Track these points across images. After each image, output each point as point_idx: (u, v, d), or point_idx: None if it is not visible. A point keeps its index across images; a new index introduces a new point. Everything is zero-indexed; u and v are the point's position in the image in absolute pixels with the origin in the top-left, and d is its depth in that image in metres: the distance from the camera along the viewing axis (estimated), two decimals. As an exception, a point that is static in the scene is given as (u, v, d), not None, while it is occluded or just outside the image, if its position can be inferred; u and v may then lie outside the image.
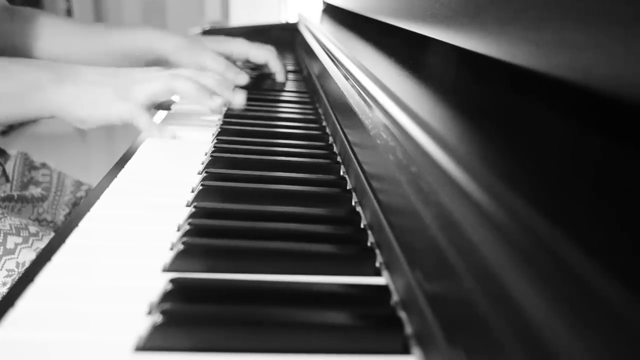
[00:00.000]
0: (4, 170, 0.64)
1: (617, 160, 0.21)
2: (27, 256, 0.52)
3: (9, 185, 0.64)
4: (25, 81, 0.52)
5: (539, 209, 0.17)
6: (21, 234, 0.53)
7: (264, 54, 0.79)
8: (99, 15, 3.42)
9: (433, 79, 0.39)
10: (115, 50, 0.74)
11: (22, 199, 0.62)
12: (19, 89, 0.52)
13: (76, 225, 0.35)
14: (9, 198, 0.60)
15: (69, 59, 0.70)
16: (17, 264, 0.52)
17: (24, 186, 0.66)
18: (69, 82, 0.53)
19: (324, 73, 0.65)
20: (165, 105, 0.66)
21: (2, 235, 0.52)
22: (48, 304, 0.27)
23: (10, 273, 0.51)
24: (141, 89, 0.55)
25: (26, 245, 0.53)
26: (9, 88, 0.52)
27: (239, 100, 0.62)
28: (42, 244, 0.54)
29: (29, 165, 0.70)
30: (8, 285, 0.51)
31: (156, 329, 0.25)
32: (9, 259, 0.51)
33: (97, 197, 0.39)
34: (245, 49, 0.78)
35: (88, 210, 0.37)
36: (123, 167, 0.46)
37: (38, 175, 0.70)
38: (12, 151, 0.69)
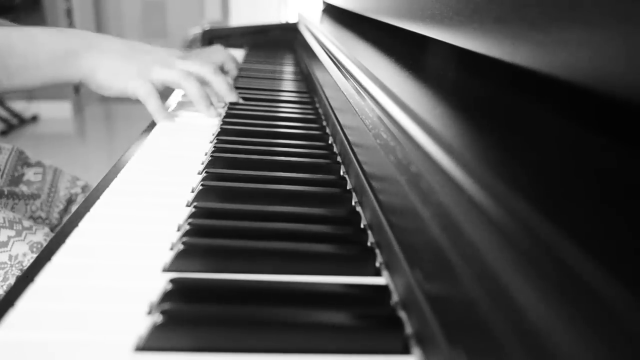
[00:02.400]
0: None
1: (617, 160, 0.21)
2: (20, 249, 0.52)
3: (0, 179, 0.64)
4: (60, 48, 0.57)
5: (538, 208, 0.17)
6: (14, 227, 0.54)
7: (221, 56, 0.84)
8: (99, 15, 3.42)
9: (433, 78, 0.39)
10: None
11: (13, 195, 0.62)
12: (55, 54, 0.57)
13: (76, 225, 0.35)
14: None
15: None
16: (10, 257, 0.52)
17: (14, 181, 0.66)
18: (98, 50, 0.59)
19: (324, 73, 0.65)
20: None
21: None
22: (48, 304, 0.27)
23: (2, 266, 0.51)
24: (160, 72, 0.60)
25: (19, 238, 0.53)
26: (47, 54, 0.57)
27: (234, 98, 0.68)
28: (35, 238, 0.54)
29: (23, 160, 0.70)
30: (0, 278, 0.51)
31: (156, 329, 0.25)
32: (1, 252, 0.52)
33: (97, 197, 0.39)
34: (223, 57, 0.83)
35: (88, 210, 0.37)
36: (123, 167, 0.46)
37: (30, 173, 0.69)
38: (7, 145, 0.68)
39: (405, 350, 0.26)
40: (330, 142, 0.56)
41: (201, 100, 0.62)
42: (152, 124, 0.61)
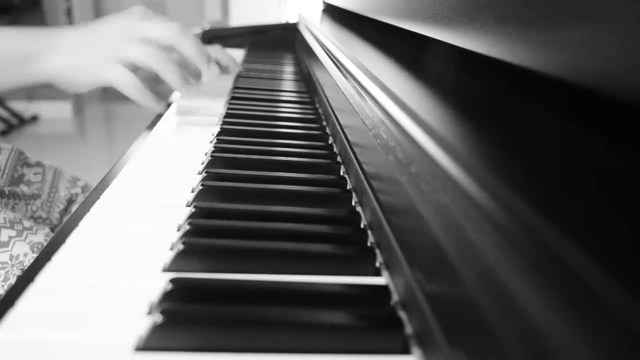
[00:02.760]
0: None
1: (616, 160, 0.21)
2: (21, 249, 0.52)
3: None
4: (19, 52, 0.55)
5: (539, 208, 0.17)
6: (15, 227, 0.54)
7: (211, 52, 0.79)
8: (99, 15, 3.42)
9: (433, 79, 0.39)
10: None
11: (14, 195, 0.62)
12: (15, 59, 0.55)
13: (76, 225, 0.35)
14: (0, 193, 0.60)
15: None
16: (11, 257, 0.52)
17: (15, 181, 0.66)
18: (58, 47, 0.55)
19: (324, 73, 0.65)
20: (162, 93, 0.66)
21: None
22: (48, 304, 0.27)
23: (3, 265, 0.51)
24: (123, 53, 0.56)
25: (20, 238, 0.53)
26: (6, 60, 0.55)
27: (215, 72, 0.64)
28: (36, 238, 0.54)
29: (23, 161, 0.70)
30: (2, 278, 0.51)
31: (156, 329, 0.25)
32: (2, 252, 0.52)
33: (97, 197, 0.39)
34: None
35: (88, 210, 0.37)
36: (123, 167, 0.46)
37: (30, 173, 0.69)
38: (7, 145, 0.69)
39: (405, 350, 0.26)
40: (330, 142, 0.56)
41: (173, 77, 0.57)
42: (152, 124, 0.61)
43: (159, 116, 0.64)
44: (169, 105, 0.70)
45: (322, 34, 0.74)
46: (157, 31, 0.58)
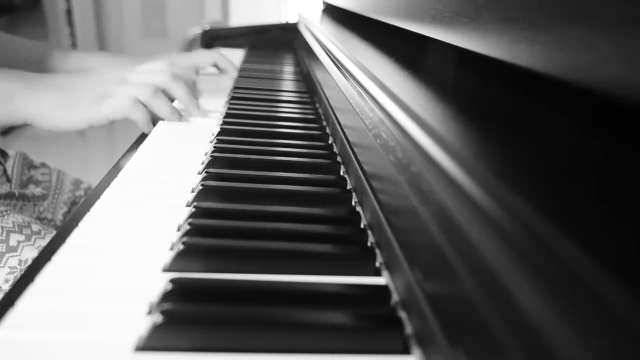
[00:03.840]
0: (4, 170, 0.64)
1: (616, 160, 0.21)
2: (30, 254, 0.52)
3: (9, 185, 0.64)
4: (0, 91, 0.52)
5: (538, 208, 0.17)
6: (24, 232, 0.54)
7: (208, 57, 0.81)
8: (99, 15, 3.42)
9: (433, 79, 0.39)
10: None
11: (23, 197, 0.62)
12: None
13: (76, 225, 0.35)
14: (10, 195, 0.60)
15: None
16: (20, 262, 0.52)
17: (24, 185, 0.67)
18: (38, 89, 0.53)
19: (323, 73, 0.65)
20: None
21: (5, 232, 0.52)
22: (48, 303, 0.27)
23: (12, 270, 0.51)
24: (120, 90, 0.54)
25: (29, 243, 0.53)
26: None
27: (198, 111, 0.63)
28: (44, 242, 0.54)
29: (28, 164, 0.70)
30: (10, 282, 0.51)
31: (156, 329, 0.25)
32: (11, 257, 0.52)
33: (97, 197, 0.39)
34: (189, 60, 0.78)
35: (88, 210, 0.37)
36: (123, 167, 0.46)
37: (37, 174, 0.70)
38: (11, 151, 0.69)
39: (405, 350, 0.26)
40: (330, 142, 0.56)
41: (173, 116, 0.58)
42: (152, 124, 0.61)
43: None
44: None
45: (322, 34, 0.74)
46: (147, 78, 0.57)
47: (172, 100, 0.61)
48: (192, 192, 0.42)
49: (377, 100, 0.36)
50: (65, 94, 0.54)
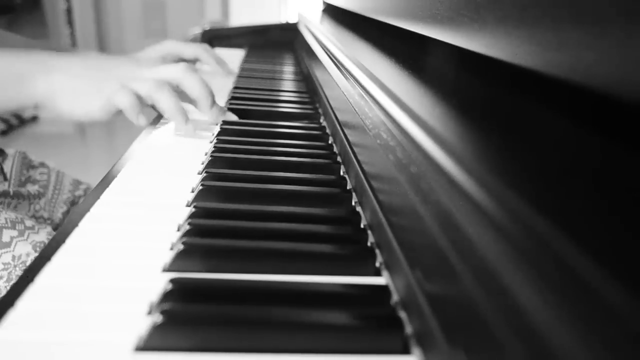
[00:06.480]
0: (1, 169, 0.64)
1: (616, 160, 0.21)
2: (23, 249, 0.52)
3: (6, 184, 0.64)
4: (12, 72, 0.52)
5: (538, 208, 0.17)
6: (17, 228, 0.54)
7: (194, 51, 0.82)
8: (99, 15, 3.42)
9: (433, 79, 0.39)
10: None
11: (18, 195, 0.62)
12: (8, 79, 0.52)
13: (76, 225, 0.35)
14: (4, 194, 0.60)
15: None
16: (13, 257, 0.52)
17: (22, 184, 0.67)
18: (55, 72, 0.53)
19: (323, 73, 0.65)
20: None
21: None
22: (48, 304, 0.27)
23: (6, 266, 0.51)
24: (128, 86, 0.53)
25: (22, 238, 0.53)
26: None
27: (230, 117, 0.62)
28: (38, 237, 0.54)
29: (27, 164, 0.70)
30: (4, 279, 0.51)
31: (156, 329, 0.25)
32: (4, 253, 0.52)
33: (97, 197, 0.39)
34: (177, 48, 0.80)
35: (88, 210, 0.37)
36: (123, 167, 0.46)
37: (36, 173, 0.70)
38: (10, 150, 0.69)
39: (405, 350, 0.26)
40: (330, 142, 0.56)
41: (177, 115, 0.54)
42: (153, 124, 0.61)
43: (159, 116, 0.64)
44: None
45: (322, 34, 0.74)
46: (163, 72, 0.56)
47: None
48: (192, 192, 0.42)
49: (377, 100, 0.36)
50: (83, 79, 0.53)
